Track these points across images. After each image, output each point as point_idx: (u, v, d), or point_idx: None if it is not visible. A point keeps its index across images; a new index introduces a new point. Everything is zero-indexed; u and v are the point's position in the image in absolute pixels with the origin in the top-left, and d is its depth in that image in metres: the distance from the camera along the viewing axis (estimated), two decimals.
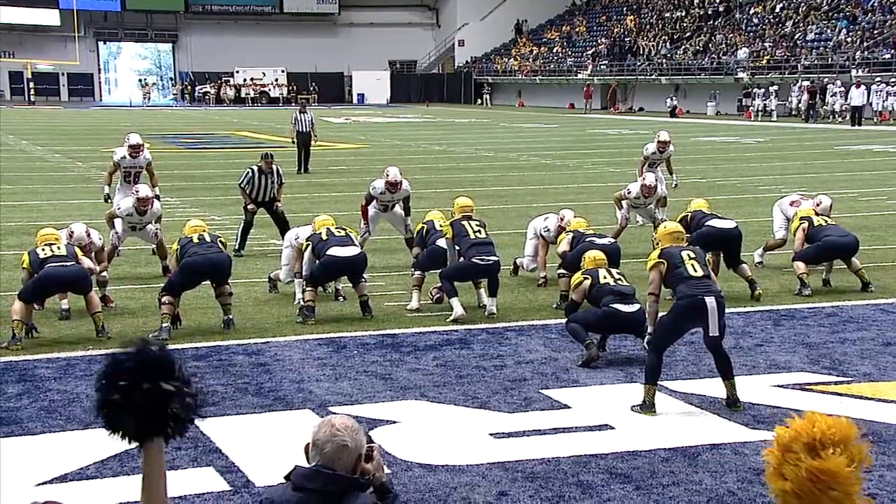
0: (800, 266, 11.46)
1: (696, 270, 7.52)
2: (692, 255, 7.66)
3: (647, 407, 7.38)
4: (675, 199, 17.27)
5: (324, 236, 10.14)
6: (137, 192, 11.84)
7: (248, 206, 14.01)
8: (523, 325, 9.89)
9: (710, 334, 7.40)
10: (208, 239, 9.93)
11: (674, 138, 17.28)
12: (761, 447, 6.54)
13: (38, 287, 9.32)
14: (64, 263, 9.28)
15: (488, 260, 10.06)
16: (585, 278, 9.02)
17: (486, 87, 71.04)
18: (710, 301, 7.34)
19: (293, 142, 24.77)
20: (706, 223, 11.41)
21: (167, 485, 3.09)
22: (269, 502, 3.26)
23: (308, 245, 10.23)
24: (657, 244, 8.09)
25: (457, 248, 10.20)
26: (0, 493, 5.85)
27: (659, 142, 15.95)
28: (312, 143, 24.65)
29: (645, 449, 6.67)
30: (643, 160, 15.83)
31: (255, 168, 14.14)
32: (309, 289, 10.10)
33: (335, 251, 9.96)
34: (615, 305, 8.69)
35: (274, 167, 14.17)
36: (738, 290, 11.36)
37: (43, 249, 9.44)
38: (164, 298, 9.43)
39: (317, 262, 10.05)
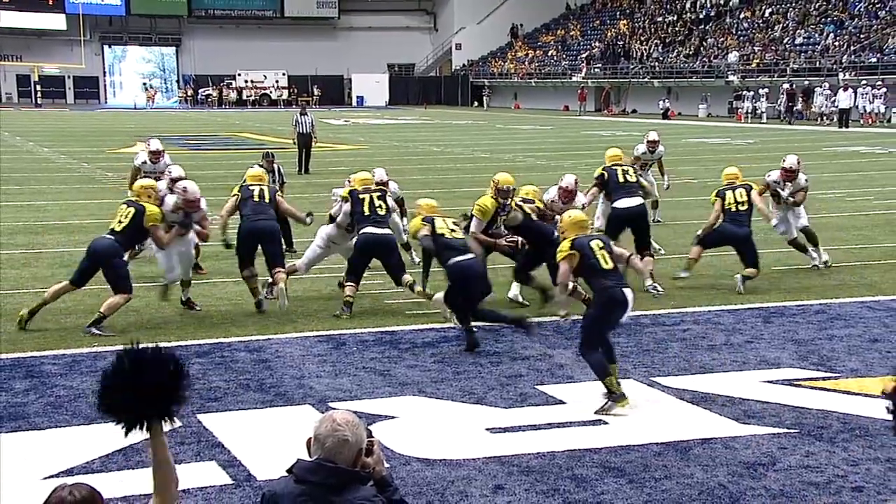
0: (694, 249, 11.77)
1: (607, 263, 7.56)
2: (601, 244, 7.70)
3: (618, 397, 7.32)
4: (668, 199, 17.28)
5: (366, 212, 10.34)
6: (185, 189, 10.33)
7: None
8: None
9: (622, 322, 7.75)
10: (267, 198, 10.53)
11: (666, 140, 17.26)
12: (751, 441, 6.58)
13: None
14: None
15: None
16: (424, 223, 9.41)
17: (486, 90, 71.03)
18: (629, 293, 7.52)
19: (294, 143, 24.81)
20: (614, 203, 11.73)
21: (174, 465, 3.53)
22: (272, 494, 3.26)
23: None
24: (563, 234, 7.96)
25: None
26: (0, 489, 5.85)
27: (648, 142, 15.75)
28: (313, 144, 24.69)
29: (638, 443, 6.67)
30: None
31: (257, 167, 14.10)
32: (350, 283, 10.23)
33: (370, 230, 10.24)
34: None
35: (275, 166, 14.12)
36: (729, 286, 11.37)
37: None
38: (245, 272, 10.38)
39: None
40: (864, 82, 43.76)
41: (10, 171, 24.88)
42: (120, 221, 9.68)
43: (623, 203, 11.63)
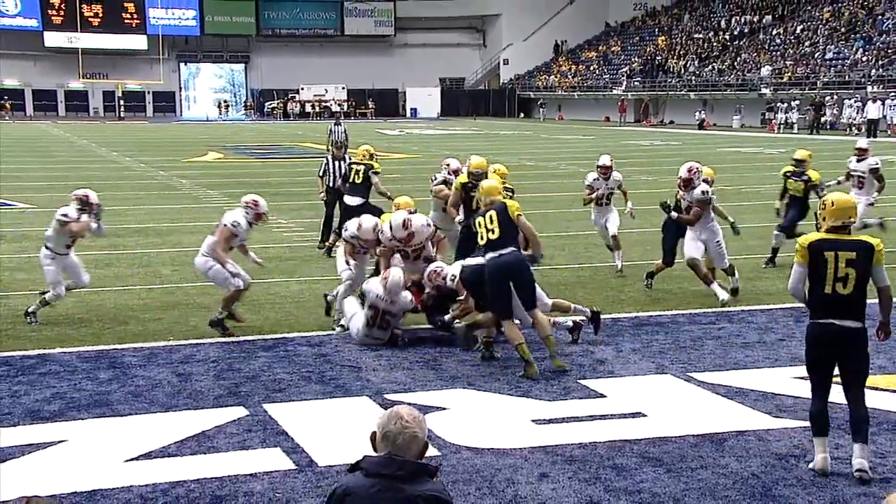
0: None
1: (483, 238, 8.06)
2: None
3: (529, 364, 7.83)
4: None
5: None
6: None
7: (321, 196, 14.28)
8: (559, 320, 9.80)
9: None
10: None
11: (701, 149, 16.89)
12: (783, 434, 6.46)
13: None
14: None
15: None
16: None
17: (541, 102, 70.73)
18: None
19: (328, 150, 25.41)
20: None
21: None
22: (343, 489, 3.22)
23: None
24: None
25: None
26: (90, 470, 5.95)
27: (600, 167, 12.30)
28: (346, 150, 25.43)
29: (675, 435, 6.60)
30: (587, 191, 12.36)
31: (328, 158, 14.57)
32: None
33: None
34: None
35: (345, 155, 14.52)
36: (761, 289, 11.20)
37: None
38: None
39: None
40: (892, 94, 42.99)
41: (97, 178, 25.30)
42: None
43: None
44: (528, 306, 8.18)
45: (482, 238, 8.14)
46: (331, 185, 14.11)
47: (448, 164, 11.41)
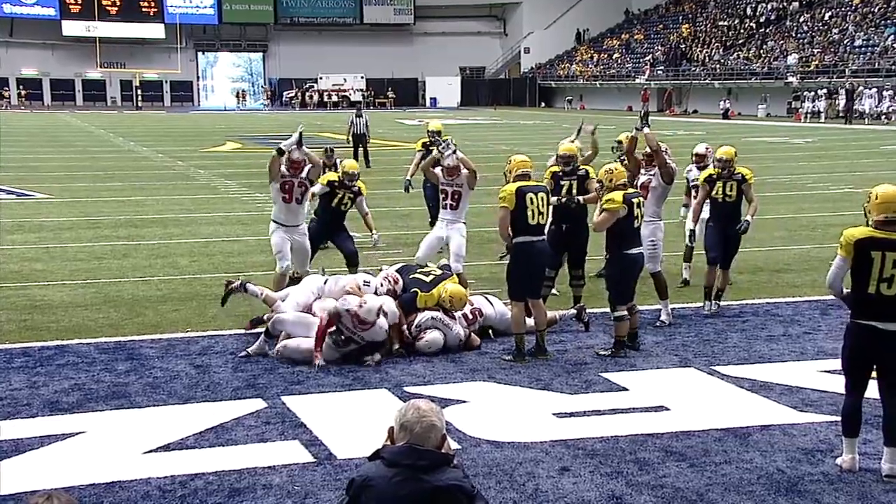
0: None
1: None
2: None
3: (520, 354, 8.12)
4: None
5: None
6: None
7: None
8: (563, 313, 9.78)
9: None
10: None
11: (727, 139, 16.77)
12: (809, 429, 6.42)
13: None
14: None
15: None
16: None
17: (569, 99, 70.35)
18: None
19: (348, 141, 25.91)
20: None
21: None
22: (363, 478, 3.23)
23: None
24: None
25: None
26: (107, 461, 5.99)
27: (560, 156, 10.06)
28: (368, 142, 26.02)
29: (698, 429, 6.57)
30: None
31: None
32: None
33: None
34: None
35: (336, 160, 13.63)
36: (786, 281, 11.13)
37: None
38: None
39: None
40: None
41: (115, 168, 25.48)
42: None
43: None
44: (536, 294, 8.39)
45: (533, 218, 8.14)
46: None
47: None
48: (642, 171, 9.75)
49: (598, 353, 8.30)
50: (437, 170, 10.18)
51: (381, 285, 8.65)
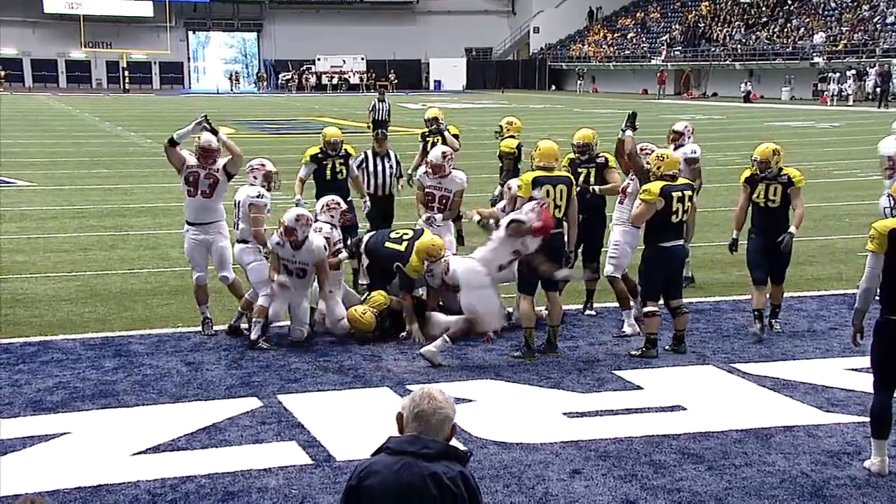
0: None
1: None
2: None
3: (530, 350, 8.11)
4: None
5: None
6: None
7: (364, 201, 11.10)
8: (597, 307, 9.80)
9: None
10: None
11: (748, 123, 16.72)
12: (835, 430, 6.42)
13: None
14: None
15: None
16: None
17: (580, 72, 70.36)
18: None
19: (369, 126, 25.23)
20: None
21: None
22: (367, 465, 3.26)
23: None
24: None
25: None
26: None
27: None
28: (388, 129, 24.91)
29: (717, 430, 6.58)
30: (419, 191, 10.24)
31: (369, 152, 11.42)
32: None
33: None
34: None
35: (391, 152, 11.47)
36: (811, 274, 11.11)
37: None
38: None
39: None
40: None
41: (100, 155, 25.52)
42: None
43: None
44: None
45: (551, 211, 8.22)
46: (372, 190, 11.10)
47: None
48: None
49: (630, 354, 8.29)
50: (421, 169, 10.21)
51: (322, 213, 9.07)
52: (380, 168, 11.13)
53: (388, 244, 9.12)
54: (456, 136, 12.97)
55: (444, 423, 3.29)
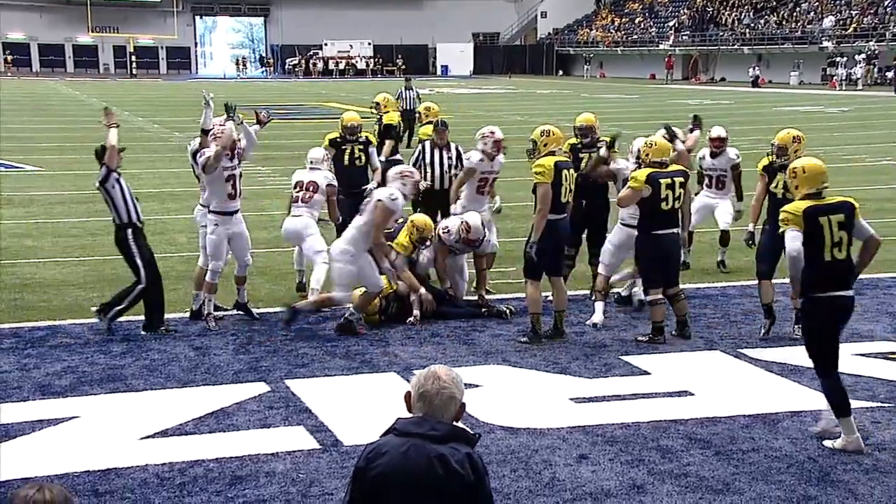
0: None
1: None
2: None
3: (537, 335, 8.22)
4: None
5: None
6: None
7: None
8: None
9: None
10: None
11: (756, 108, 16.66)
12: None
13: None
14: None
15: None
16: None
17: (588, 58, 70.16)
18: None
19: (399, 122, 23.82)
20: None
21: None
22: (376, 446, 3.27)
23: None
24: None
25: None
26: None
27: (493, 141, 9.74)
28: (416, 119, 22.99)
29: (725, 415, 6.58)
30: (465, 176, 9.75)
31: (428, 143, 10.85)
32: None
33: None
34: None
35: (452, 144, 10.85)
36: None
37: None
38: None
39: None
40: None
41: None
42: None
43: None
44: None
45: (564, 196, 8.17)
46: (429, 182, 10.29)
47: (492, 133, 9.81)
48: None
49: (637, 340, 8.28)
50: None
51: (394, 181, 8.74)
52: (437, 159, 10.51)
53: None
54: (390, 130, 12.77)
55: (449, 404, 3.27)
